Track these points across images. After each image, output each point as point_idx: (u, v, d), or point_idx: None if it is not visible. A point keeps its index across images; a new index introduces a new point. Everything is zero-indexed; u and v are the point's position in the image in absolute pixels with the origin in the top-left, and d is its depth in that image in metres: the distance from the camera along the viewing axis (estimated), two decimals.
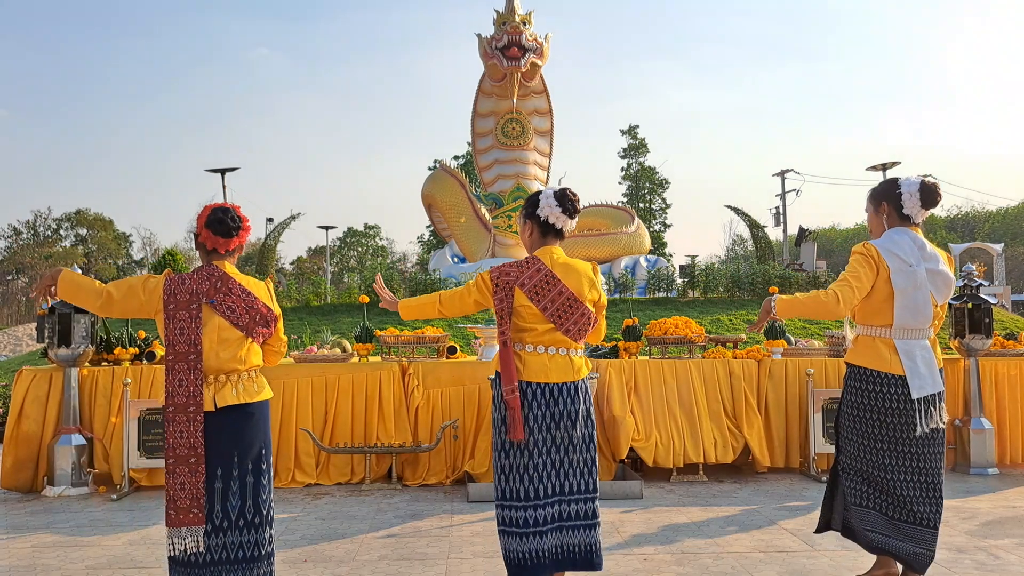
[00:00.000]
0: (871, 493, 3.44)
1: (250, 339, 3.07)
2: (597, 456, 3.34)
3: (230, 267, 3.12)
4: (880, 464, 3.38)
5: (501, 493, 3.24)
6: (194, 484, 2.91)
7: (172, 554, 2.95)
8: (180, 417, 2.92)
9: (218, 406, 2.96)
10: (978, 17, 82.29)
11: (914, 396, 3.31)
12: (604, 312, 3.43)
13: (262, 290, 3.15)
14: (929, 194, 3.38)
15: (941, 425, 3.39)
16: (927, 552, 3.37)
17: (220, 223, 3.05)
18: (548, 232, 3.34)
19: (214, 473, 2.95)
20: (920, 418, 3.34)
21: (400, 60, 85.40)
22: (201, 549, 2.92)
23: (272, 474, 3.12)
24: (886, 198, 3.46)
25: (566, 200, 3.30)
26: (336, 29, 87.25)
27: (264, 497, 3.03)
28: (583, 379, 3.31)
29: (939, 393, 3.38)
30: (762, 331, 3.59)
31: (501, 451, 3.24)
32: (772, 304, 3.46)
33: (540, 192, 3.37)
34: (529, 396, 3.22)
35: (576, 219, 3.37)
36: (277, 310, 3.18)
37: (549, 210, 3.30)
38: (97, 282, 3.08)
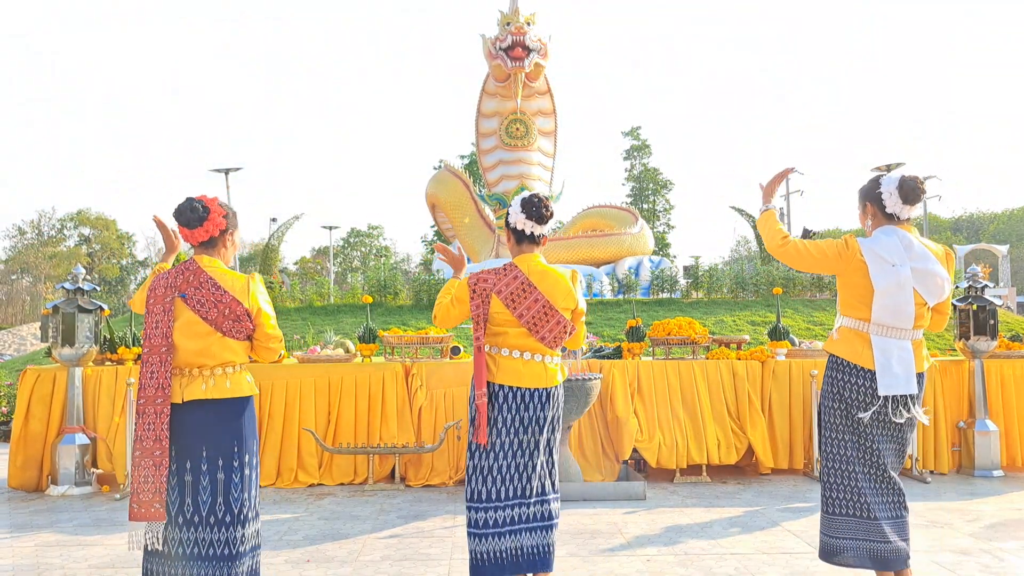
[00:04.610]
0: (843, 497, 3.30)
1: (220, 334, 2.99)
2: (557, 458, 3.38)
3: (208, 260, 3.07)
4: (844, 456, 3.31)
5: (470, 495, 3.26)
6: (157, 478, 2.88)
7: (146, 545, 2.95)
8: (149, 409, 2.91)
9: (184, 399, 2.95)
10: (984, 18, 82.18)
11: (880, 393, 3.20)
12: (582, 319, 3.43)
13: (239, 285, 3.03)
14: (910, 191, 3.27)
15: (911, 421, 3.28)
16: (886, 545, 3.20)
17: (181, 214, 3.05)
18: (523, 240, 3.36)
19: (183, 466, 2.94)
20: (881, 413, 3.23)
21: (404, 59, 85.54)
22: (159, 547, 2.89)
23: (249, 473, 3.03)
24: (869, 199, 3.39)
25: (531, 207, 3.31)
26: (341, 28, 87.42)
27: (236, 495, 2.97)
28: (557, 386, 3.32)
29: (912, 396, 3.26)
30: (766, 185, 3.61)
31: (471, 452, 3.28)
32: (761, 209, 3.52)
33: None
34: (500, 399, 3.24)
35: (547, 225, 3.36)
36: (254, 305, 3.04)
37: (516, 217, 3.33)
38: (173, 255, 3.29)
